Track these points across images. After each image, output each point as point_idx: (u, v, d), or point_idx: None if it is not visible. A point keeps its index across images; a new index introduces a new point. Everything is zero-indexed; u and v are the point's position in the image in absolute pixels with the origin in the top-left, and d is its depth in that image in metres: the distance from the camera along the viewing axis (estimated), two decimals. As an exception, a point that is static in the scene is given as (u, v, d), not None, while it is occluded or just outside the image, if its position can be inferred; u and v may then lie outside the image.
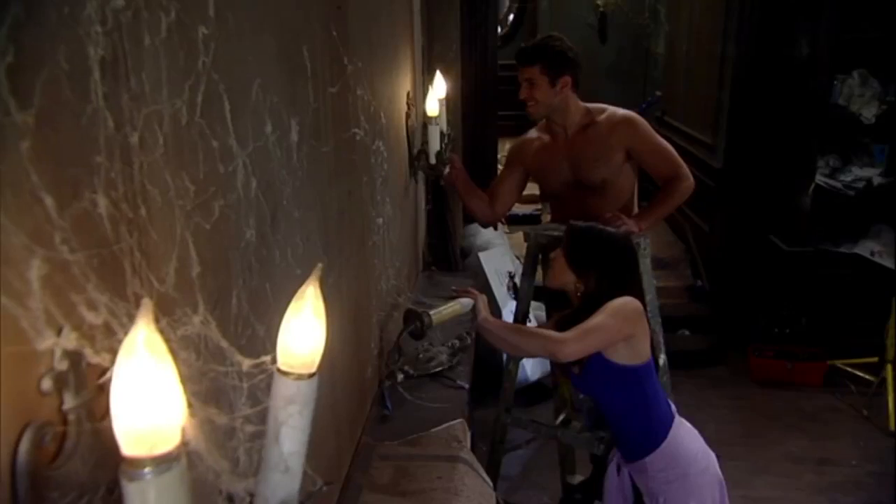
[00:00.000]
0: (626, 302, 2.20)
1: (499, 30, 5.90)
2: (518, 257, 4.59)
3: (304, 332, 0.82)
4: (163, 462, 0.59)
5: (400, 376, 2.18)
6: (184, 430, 0.61)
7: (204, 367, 0.78)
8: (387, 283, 2.24)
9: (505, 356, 3.34)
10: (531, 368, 4.22)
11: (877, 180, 4.73)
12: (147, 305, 0.58)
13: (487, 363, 3.82)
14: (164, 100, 0.87)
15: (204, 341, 0.80)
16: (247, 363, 0.76)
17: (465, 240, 4.61)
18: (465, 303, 2.26)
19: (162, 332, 0.62)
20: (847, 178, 4.82)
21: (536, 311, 3.78)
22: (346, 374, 1.79)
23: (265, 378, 0.75)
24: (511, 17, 7.88)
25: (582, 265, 2.29)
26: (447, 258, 3.69)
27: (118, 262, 0.78)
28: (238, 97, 1.10)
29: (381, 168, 2.13)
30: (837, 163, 4.95)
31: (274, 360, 0.77)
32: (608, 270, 2.25)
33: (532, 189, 6.94)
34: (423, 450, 1.83)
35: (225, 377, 0.80)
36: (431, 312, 2.14)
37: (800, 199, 4.74)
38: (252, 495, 0.73)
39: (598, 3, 7.68)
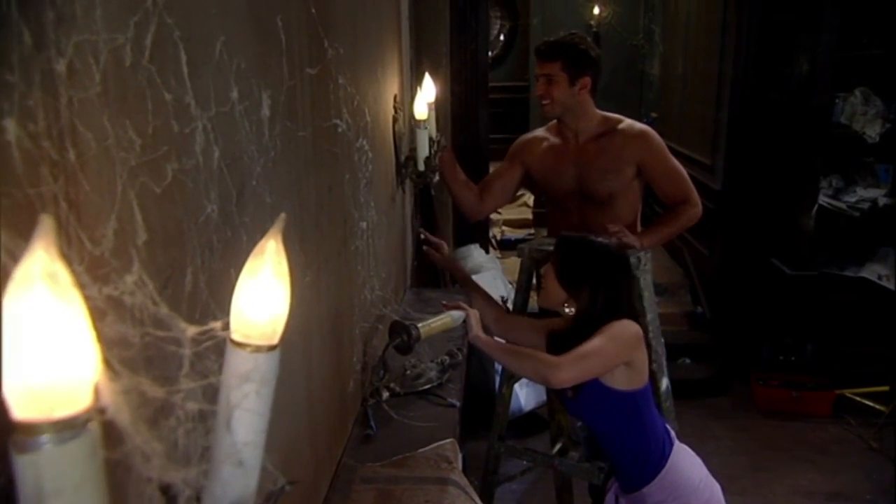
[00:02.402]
0: (625, 326, 2.10)
1: (489, 52, 5.85)
2: (511, 282, 4.49)
3: (263, 296, 0.69)
4: (65, 428, 0.46)
5: (385, 394, 2.06)
6: (97, 392, 0.49)
7: (135, 330, 0.65)
8: (371, 294, 2.12)
9: (498, 381, 3.22)
10: (525, 398, 4.08)
11: (882, 201, 4.68)
12: (46, 225, 0.46)
13: (479, 389, 3.69)
14: (99, 30, 0.76)
15: (138, 304, 0.68)
16: (192, 330, 0.64)
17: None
18: (455, 316, 2.15)
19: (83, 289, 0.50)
20: (851, 198, 4.76)
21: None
22: (325, 388, 1.66)
23: (213, 346, 0.63)
24: (502, 38, 7.85)
25: (572, 280, 2.17)
26: (436, 280, 3.56)
27: (36, 210, 0.65)
28: (197, 50, 0.99)
29: (365, 168, 2.02)
30: (841, 183, 4.89)
31: (225, 327, 0.65)
32: (601, 285, 2.14)
33: (525, 213, 6.86)
34: (409, 471, 1.70)
35: (162, 342, 0.67)
36: (419, 325, 2.04)
37: (803, 221, 4.67)
38: (196, 489, 0.60)
39: (592, 23, 7.68)
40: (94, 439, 0.48)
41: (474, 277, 4.22)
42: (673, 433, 2.31)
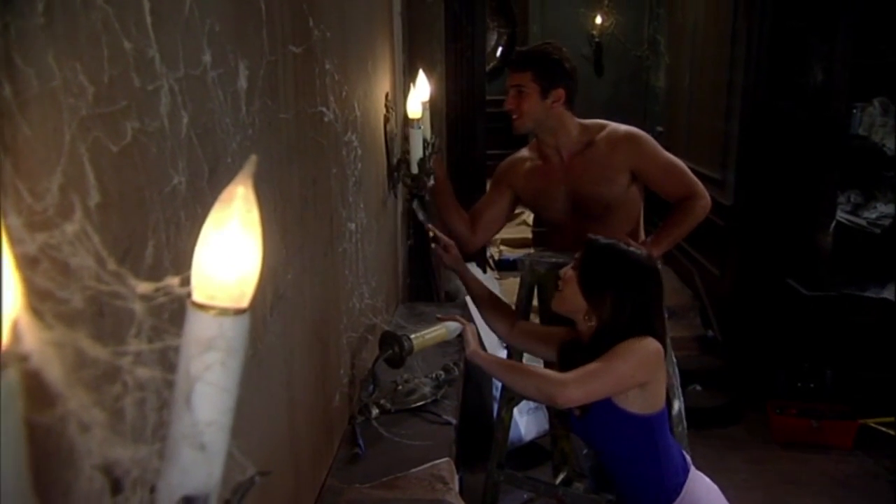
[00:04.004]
0: (645, 343, 2.01)
1: (486, 64, 5.82)
2: (509, 304, 4.42)
3: (230, 251, 0.62)
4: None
5: (375, 411, 1.98)
6: (17, 334, 0.41)
7: (75, 283, 0.58)
8: (360, 302, 2.05)
9: (496, 405, 3.14)
10: (525, 426, 3.99)
11: (904, 217, 4.63)
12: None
13: (476, 417, 3.61)
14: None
15: (79, 256, 0.61)
16: (143, 287, 0.57)
17: (450, 283, 4.43)
18: (451, 328, 2.09)
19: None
20: (871, 214, 4.71)
21: (530, 362, 3.58)
22: (307, 400, 1.59)
23: (169, 305, 0.55)
24: (500, 50, 7.85)
25: (597, 288, 2.08)
26: (429, 295, 3.50)
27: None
28: (163, 1, 0.93)
29: (353, 165, 1.97)
30: (860, 198, 4.85)
31: (183, 283, 0.58)
32: (628, 296, 2.05)
33: (525, 233, 6.80)
34: (401, 493, 1.62)
35: (107, 297, 0.60)
36: (412, 336, 1.98)
37: (820, 239, 4.61)
38: (147, 471, 0.52)
39: (594, 33, 7.68)
40: (10, 388, 0.40)
41: (469, 299, 4.16)
42: (689, 459, 2.24)
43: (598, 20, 7.72)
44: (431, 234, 2.60)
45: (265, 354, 1.26)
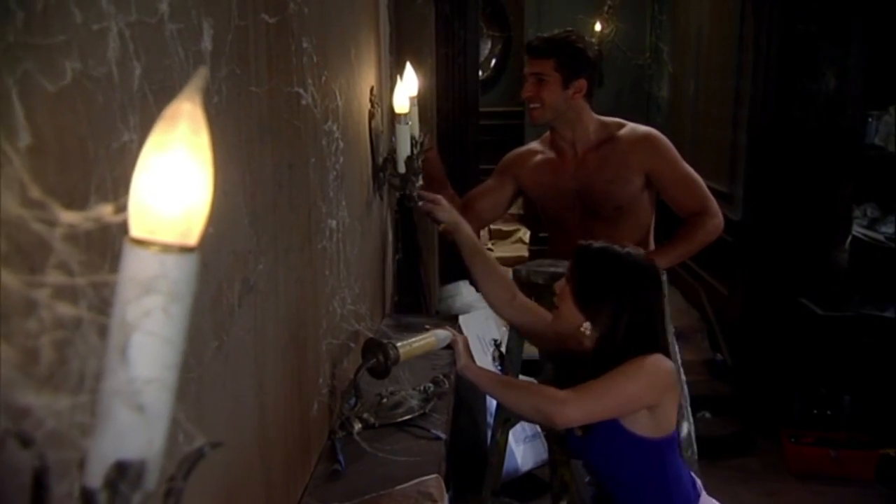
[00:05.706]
0: (657, 362, 1.96)
1: (479, 73, 5.81)
2: (504, 324, 4.37)
3: (175, 179, 0.55)
4: None
5: (357, 425, 1.91)
6: None
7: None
8: (342, 307, 1.99)
9: (491, 428, 3.08)
10: (522, 456, 3.92)
11: (924, 232, 4.62)
12: None
13: (468, 443, 3.54)
14: None
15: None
16: (69, 216, 0.50)
17: (441, 302, 4.38)
18: (441, 336, 2.05)
19: None
20: (889, 229, 4.70)
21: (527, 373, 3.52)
22: (281, 407, 1.53)
23: (100, 233, 0.49)
24: (493, 61, 7.84)
25: (591, 298, 2.01)
26: (418, 307, 3.44)
27: None
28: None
29: (334, 157, 1.92)
30: (876, 212, 4.85)
31: (118, 210, 0.51)
32: (625, 305, 1.98)
33: (521, 251, 6.76)
34: (385, 512, 1.56)
35: (25, 221, 0.53)
36: (398, 344, 1.93)
37: (835, 256, 4.60)
38: (68, 425, 0.45)
39: (593, 40, 7.68)
40: None
41: (464, 317, 4.10)
42: (699, 484, 2.18)
43: (598, 27, 7.72)
44: (415, 194, 2.44)
45: (232, 349, 1.19)
